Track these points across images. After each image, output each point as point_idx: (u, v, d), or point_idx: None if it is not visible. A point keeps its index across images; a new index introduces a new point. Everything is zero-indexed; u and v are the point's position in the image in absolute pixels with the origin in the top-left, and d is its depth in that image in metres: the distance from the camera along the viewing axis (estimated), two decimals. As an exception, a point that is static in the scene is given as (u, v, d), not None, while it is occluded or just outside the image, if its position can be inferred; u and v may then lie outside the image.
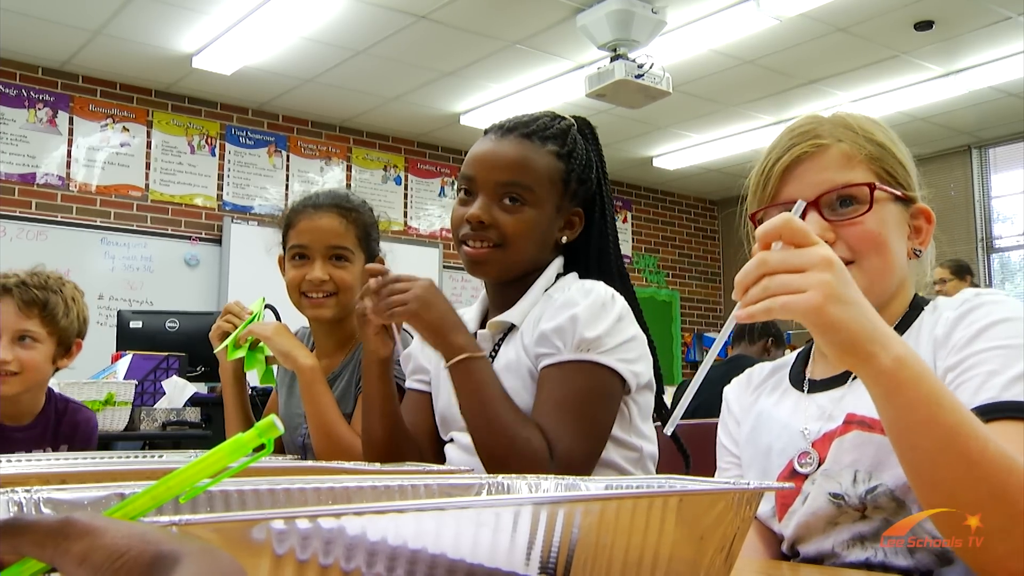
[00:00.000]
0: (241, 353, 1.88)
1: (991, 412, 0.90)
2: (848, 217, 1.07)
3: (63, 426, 2.17)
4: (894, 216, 1.10)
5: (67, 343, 2.10)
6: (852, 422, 1.04)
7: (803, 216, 1.08)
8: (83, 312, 2.13)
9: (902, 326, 1.10)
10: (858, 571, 1.01)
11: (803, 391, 1.15)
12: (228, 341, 1.88)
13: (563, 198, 1.49)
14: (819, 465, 1.06)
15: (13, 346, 1.99)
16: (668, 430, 0.85)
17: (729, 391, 1.29)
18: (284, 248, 1.99)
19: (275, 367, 2.04)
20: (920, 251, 1.14)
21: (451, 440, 1.53)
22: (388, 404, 1.48)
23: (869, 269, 1.07)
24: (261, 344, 1.91)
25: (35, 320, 2.02)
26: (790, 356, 1.26)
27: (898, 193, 1.10)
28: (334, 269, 1.89)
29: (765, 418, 1.18)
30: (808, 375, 1.17)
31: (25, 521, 0.43)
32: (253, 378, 2.05)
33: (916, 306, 1.12)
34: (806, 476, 1.07)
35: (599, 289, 1.41)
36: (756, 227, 1.15)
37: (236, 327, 1.90)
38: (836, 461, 1.04)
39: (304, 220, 1.91)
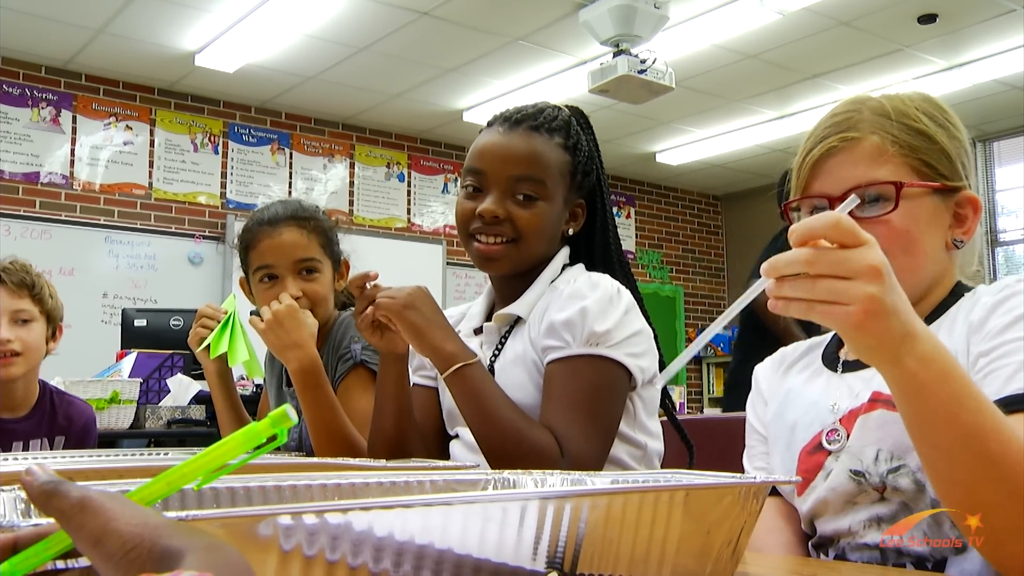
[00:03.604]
0: (224, 349, 1.85)
1: (1020, 403, 0.89)
2: (875, 215, 1.04)
3: (59, 418, 2.20)
4: (929, 210, 1.06)
5: (55, 324, 2.19)
6: (878, 400, 1.03)
7: (831, 208, 1.06)
8: (59, 297, 2.25)
9: (938, 311, 1.08)
10: (868, 566, 1.01)
11: (835, 371, 1.14)
12: (209, 339, 1.86)
13: (569, 190, 1.49)
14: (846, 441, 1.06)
15: (12, 327, 2.07)
16: (659, 382, 0.84)
17: (760, 370, 1.28)
18: (246, 270, 1.93)
19: (261, 361, 2.00)
20: (961, 241, 1.09)
21: (456, 436, 1.53)
22: (402, 402, 1.47)
23: (895, 268, 1.05)
24: (236, 334, 1.86)
25: (27, 300, 2.11)
26: (826, 336, 1.23)
27: (936, 185, 1.06)
28: (305, 283, 1.84)
29: (794, 395, 1.17)
30: (843, 356, 1.15)
31: (62, 489, 0.45)
32: (238, 371, 2.00)
33: (956, 293, 1.09)
34: (830, 452, 1.07)
35: (606, 282, 1.41)
36: (787, 218, 1.14)
37: (212, 330, 1.87)
38: (860, 438, 1.04)
39: (264, 239, 1.86)
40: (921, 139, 1.08)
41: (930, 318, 1.08)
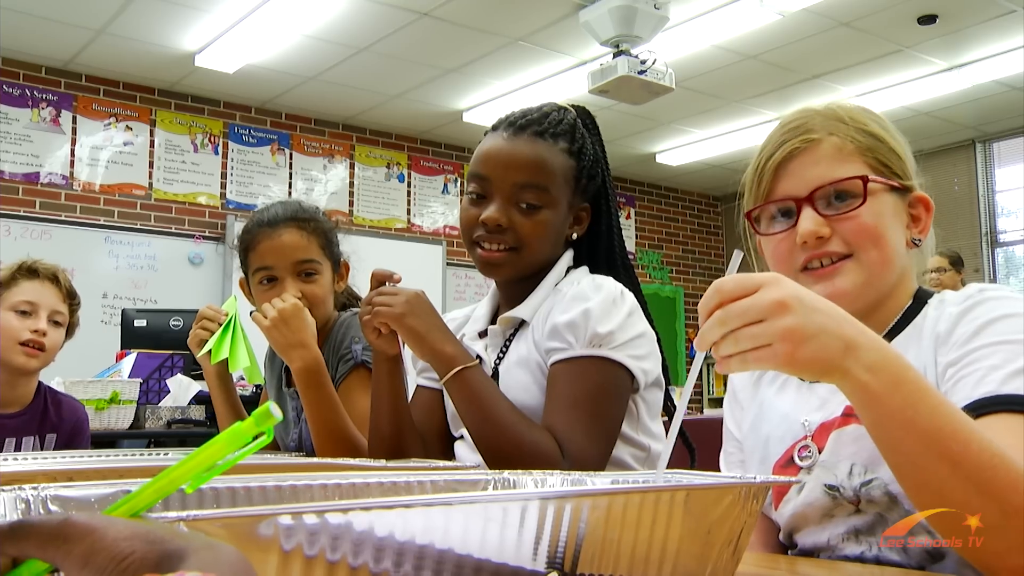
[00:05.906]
0: (224, 355, 1.84)
1: (990, 405, 0.90)
2: (843, 211, 1.07)
3: (51, 415, 2.24)
4: (890, 207, 1.09)
5: (70, 335, 2.28)
6: (852, 415, 1.04)
7: (797, 212, 1.08)
8: None
9: (904, 320, 1.09)
10: (856, 565, 1.01)
11: (804, 380, 1.14)
12: (210, 344, 1.85)
13: (574, 195, 1.48)
14: (817, 457, 1.06)
15: (47, 325, 2.17)
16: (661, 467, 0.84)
17: (735, 377, 1.29)
18: (246, 271, 1.93)
19: (261, 365, 2.00)
20: (919, 240, 1.13)
21: (461, 437, 1.53)
22: (397, 401, 1.48)
23: (867, 262, 1.07)
24: (237, 339, 1.85)
25: (65, 305, 2.23)
26: None
27: (894, 183, 1.09)
28: (305, 285, 1.84)
29: (766, 408, 1.18)
30: None
31: (28, 524, 0.43)
32: (237, 373, 1.99)
33: (920, 299, 1.11)
34: (802, 468, 1.08)
35: (609, 284, 1.41)
36: (752, 225, 1.15)
37: (212, 332, 1.86)
38: (834, 453, 1.05)
39: (264, 240, 1.85)
40: (873, 140, 1.11)
41: (896, 327, 1.09)
